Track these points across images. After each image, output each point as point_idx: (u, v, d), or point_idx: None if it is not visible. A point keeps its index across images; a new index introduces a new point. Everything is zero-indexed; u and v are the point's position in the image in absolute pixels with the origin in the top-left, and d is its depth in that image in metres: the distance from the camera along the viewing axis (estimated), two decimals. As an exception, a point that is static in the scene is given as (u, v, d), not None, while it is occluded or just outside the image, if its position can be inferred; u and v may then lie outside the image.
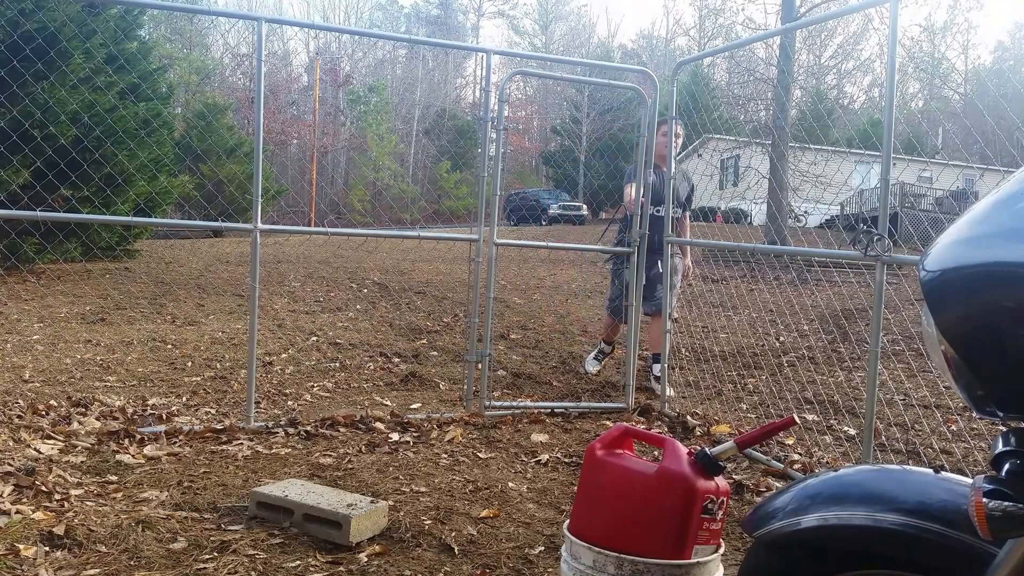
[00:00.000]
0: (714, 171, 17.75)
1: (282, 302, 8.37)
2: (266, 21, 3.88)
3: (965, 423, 4.19)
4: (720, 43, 28.81)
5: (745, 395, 4.93)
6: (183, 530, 2.54)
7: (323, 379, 4.99)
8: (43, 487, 2.76)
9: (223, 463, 3.27)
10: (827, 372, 5.51)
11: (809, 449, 3.71)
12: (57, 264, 9.41)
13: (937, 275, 1.03)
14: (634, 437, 1.96)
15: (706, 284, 9.95)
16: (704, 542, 1.76)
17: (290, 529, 2.58)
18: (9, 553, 2.27)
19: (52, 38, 7.86)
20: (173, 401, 4.20)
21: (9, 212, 3.82)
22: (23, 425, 3.44)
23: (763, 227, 14.68)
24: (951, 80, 42.09)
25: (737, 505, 3.03)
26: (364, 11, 51.79)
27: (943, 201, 15.74)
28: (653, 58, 51.92)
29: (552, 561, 2.46)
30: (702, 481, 1.74)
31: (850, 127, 14.55)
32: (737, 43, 10.23)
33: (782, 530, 1.33)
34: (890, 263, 3.05)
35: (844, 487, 1.33)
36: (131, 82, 10.29)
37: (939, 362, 1.05)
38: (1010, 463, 0.97)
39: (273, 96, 34.71)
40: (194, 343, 6.01)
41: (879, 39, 22.17)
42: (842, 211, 18.12)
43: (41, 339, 5.86)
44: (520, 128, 47.06)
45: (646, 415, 4.38)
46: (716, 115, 12.67)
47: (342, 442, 3.64)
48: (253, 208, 3.86)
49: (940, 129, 23.65)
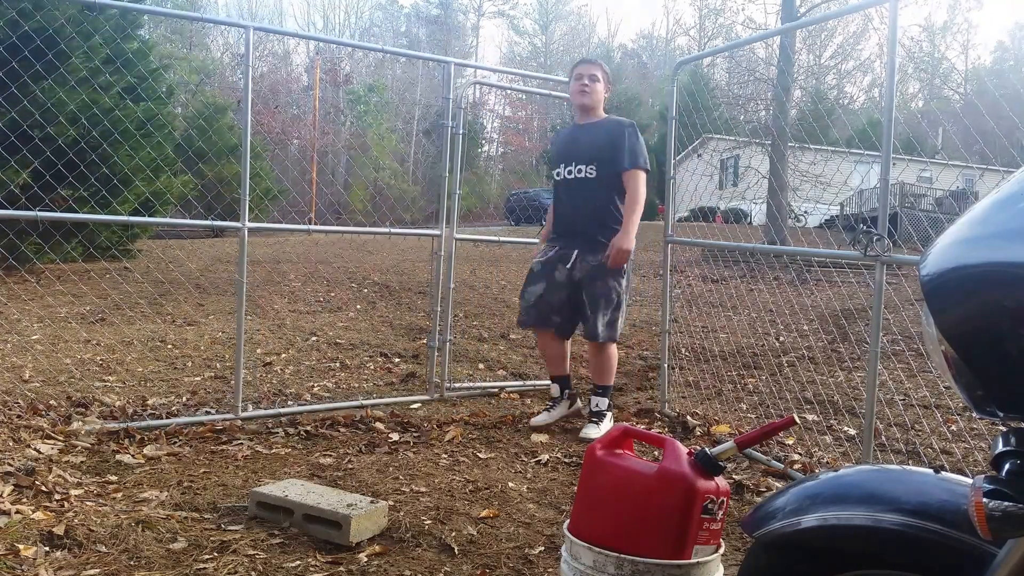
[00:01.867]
0: (714, 171, 17.76)
1: (282, 302, 8.37)
2: (255, 29, 4.02)
3: (965, 423, 4.19)
4: (720, 43, 28.84)
5: (745, 395, 4.93)
6: (183, 530, 2.54)
7: (323, 379, 4.99)
8: (43, 487, 2.76)
9: (223, 463, 3.27)
10: (827, 372, 5.50)
11: (809, 449, 3.71)
12: (56, 264, 9.40)
13: (937, 275, 1.03)
14: (634, 437, 1.96)
15: (706, 284, 9.95)
16: (704, 542, 1.76)
17: (290, 529, 2.58)
18: (9, 553, 2.27)
19: (51, 39, 7.85)
20: (173, 401, 4.20)
21: (8, 212, 3.82)
22: (23, 425, 3.43)
23: (763, 227, 14.68)
24: (951, 80, 42.11)
25: (737, 505, 3.03)
26: (364, 11, 51.77)
27: (943, 201, 15.74)
28: (653, 58, 51.95)
29: (552, 561, 2.46)
30: (702, 481, 1.74)
31: (850, 127, 14.55)
32: (737, 43, 10.23)
33: (782, 530, 1.33)
34: (890, 263, 3.05)
35: (844, 487, 1.33)
36: (130, 82, 10.28)
37: (939, 362, 1.05)
38: (1010, 463, 0.97)
39: (273, 96, 34.72)
40: (194, 343, 6.01)
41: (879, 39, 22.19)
42: (842, 211, 18.12)
43: (41, 339, 5.86)
44: (520, 128, 47.01)
45: (646, 415, 4.38)
46: (716, 115, 12.65)
47: (342, 442, 3.64)
48: (241, 207, 3.97)
49: (940, 129, 23.67)
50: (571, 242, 3.94)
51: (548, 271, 3.95)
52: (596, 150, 3.91)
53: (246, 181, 4.00)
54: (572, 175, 3.97)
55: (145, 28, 13.99)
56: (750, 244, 4.78)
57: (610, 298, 3.85)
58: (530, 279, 4.03)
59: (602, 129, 3.97)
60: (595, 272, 3.85)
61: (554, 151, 4.22)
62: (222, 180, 15.29)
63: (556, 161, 4.08)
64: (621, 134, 3.90)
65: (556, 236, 4.05)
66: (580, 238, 3.93)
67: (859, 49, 27.30)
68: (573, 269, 3.90)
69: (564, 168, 4.01)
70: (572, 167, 3.96)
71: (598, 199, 3.91)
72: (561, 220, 4.04)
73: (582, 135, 4.02)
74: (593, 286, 3.85)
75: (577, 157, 3.96)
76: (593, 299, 3.85)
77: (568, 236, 3.98)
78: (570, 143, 4.06)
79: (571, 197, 3.99)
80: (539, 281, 3.97)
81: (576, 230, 3.95)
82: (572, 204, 3.99)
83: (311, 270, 10.72)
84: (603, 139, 3.91)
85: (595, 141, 3.93)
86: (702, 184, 5.44)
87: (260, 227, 4.55)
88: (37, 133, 7.58)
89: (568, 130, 4.22)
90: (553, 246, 4.02)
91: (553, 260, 3.95)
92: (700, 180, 5.40)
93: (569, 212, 3.99)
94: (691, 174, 5.46)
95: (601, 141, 3.91)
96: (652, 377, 5.29)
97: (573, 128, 4.14)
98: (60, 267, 9.49)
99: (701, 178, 5.47)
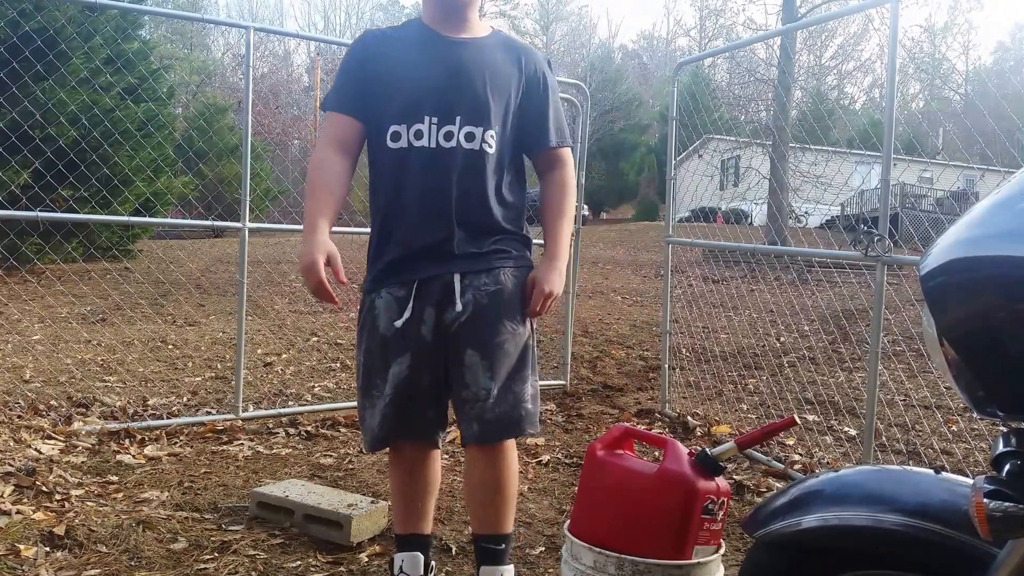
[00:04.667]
0: (715, 172, 17.75)
1: (283, 302, 8.38)
2: (255, 30, 4.03)
3: (966, 424, 4.19)
4: (721, 43, 28.84)
5: (746, 395, 4.93)
6: (184, 530, 2.54)
7: (324, 379, 4.99)
8: (44, 487, 2.76)
9: (224, 463, 3.28)
10: (828, 372, 5.50)
11: (810, 449, 3.71)
12: (57, 265, 9.41)
13: (937, 276, 1.03)
14: (635, 437, 1.96)
15: (707, 284, 9.95)
16: (705, 542, 1.76)
17: (291, 529, 2.58)
18: (9, 553, 2.27)
19: (51, 40, 7.86)
20: (174, 401, 4.20)
21: (8, 213, 3.83)
22: (24, 425, 3.44)
23: (763, 227, 14.67)
24: (951, 81, 42.10)
25: (738, 505, 3.03)
26: (365, 11, 51.81)
27: (944, 202, 15.73)
28: (654, 58, 51.94)
29: (552, 561, 2.46)
30: (703, 481, 1.74)
31: (851, 128, 14.55)
32: (738, 43, 10.23)
33: (783, 530, 1.33)
34: (891, 263, 3.05)
35: (845, 487, 1.33)
36: (131, 83, 10.29)
37: (939, 363, 1.05)
38: (1011, 464, 0.97)
39: (273, 96, 34.74)
40: (194, 343, 6.01)
41: (880, 40, 22.19)
42: (843, 212, 18.11)
43: (41, 339, 5.86)
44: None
45: (647, 416, 4.38)
46: (717, 115, 12.64)
47: (343, 442, 3.64)
48: (241, 207, 3.98)
49: (940, 130, 23.65)
50: (437, 265, 1.99)
51: (410, 332, 1.98)
52: (494, 101, 2.00)
53: (246, 181, 4.01)
54: (439, 142, 1.96)
55: (146, 29, 13.99)
56: (751, 244, 4.79)
57: (524, 355, 2.03)
58: (378, 356, 2.02)
59: (495, 58, 2.04)
60: (496, 306, 2.00)
61: (380, 83, 2.01)
62: (222, 180, 15.29)
63: (395, 108, 1.99)
64: (535, 75, 2.08)
65: (398, 264, 2.02)
66: (460, 255, 1.99)
67: (860, 50, 27.26)
68: (451, 310, 1.97)
69: (417, 126, 1.97)
70: (442, 125, 1.96)
71: (490, 188, 2.02)
72: (413, 228, 2.00)
73: (457, 60, 1.99)
74: (491, 332, 1.98)
75: (455, 107, 1.97)
76: (491, 356, 1.97)
77: (429, 256, 2.00)
78: (432, 74, 1.98)
79: (438, 181, 1.97)
80: (400, 354, 1.99)
81: (449, 241, 1.99)
82: (438, 196, 1.98)
83: (312, 270, 10.70)
84: (502, 80, 2.02)
85: (493, 81, 2.00)
86: (703, 185, 5.44)
87: (260, 227, 4.59)
88: (38, 133, 7.59)
89: (416, 40, 2.05)
90: (399, 285, 2.00)
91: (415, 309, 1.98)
92: (701, 181, 5.40)
93: (433, 209, 1.98)
94: (692, 175, 5.46)
95: (501, 84, 2.02)
96: (652, 377, 5.29)
97: (429, 39, 2.03)
98: (61, 267, 9.49)
99: (702, 179, 5.47)
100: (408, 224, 2.00)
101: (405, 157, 1.98)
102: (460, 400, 2.01)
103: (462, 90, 1.97)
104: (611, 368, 5.53)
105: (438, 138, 1.96)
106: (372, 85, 2.01)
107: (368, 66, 2.03)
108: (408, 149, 1.98)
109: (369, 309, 2.05)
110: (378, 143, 2.03)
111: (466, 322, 1.97)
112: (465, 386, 1.98)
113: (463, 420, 2.02)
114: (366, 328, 2.05)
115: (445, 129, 1.96)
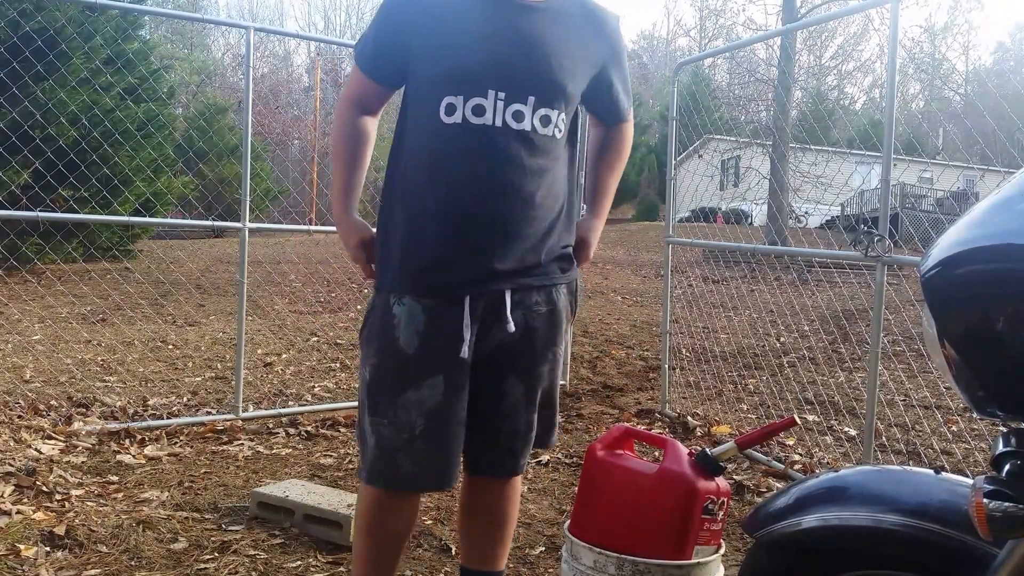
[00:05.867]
0: (715, 172, 17.75)
1: (283, 302, 8.38)
2: (255, 30, 4.06)
3: (966, 424, 4.19)
4: (721, 44, 28.83)
5: (746, 395, 4.93)
6: (184, 530, 2.54)
7: (324, 379, 4.99)
8: (44, 487, 2.76)
9: (224, 463, 3.28)
10: (828, 373, 5.50)
11: (810, 450, 3.71)
12: (57, 265, 9.41)
13: (937, 276, 1.03)
14: (635, 437, 1.96)
15: (707, 284, 9.94)
16: (705, 542, 1.76)
17: (291, 529, 2.58)
18: (10, 553, 2.27)
19: (52, 40, 7.87)
20: (174, 401, 4.20)
21: (9, 213, 3.84)
22: (24, 425, 3.44)
23: (763, 228, 14.68)
24: (952, 81, 42.10)
25: (738, 505, 3.03)
26: (365, 11, 51.79)
27: (944, 202, 15.74)
28: (654, 59, 51.93)
29: (552, 561, 2.46)
30: (703, 481, 1.74)
31: (851, 128, 14.56)
32: (738, 43, 10.23)
33: (783, 530, 1.33)
34: (891, 264, 3.05)
35: (845, 488, 1.33)
36: (131, 83, 10.30)
37: (940, 363, 1.05)
38: (1011, 464, 0.98)
39: (274, 97, 34.75)
40: (195, 343, 6.01)
41: (880, 40, 22.20)
42: (843, 212, 18.11)
43: (42, 339, 5.86)
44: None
45: (647, 416, 4.38)
46: (717, 116, 12.65)
47: (343, 442, 3.64)
48: (241, 207, 4.00)
49: (940, 130, 23.65)
50: (486, 275, 1.64)
51: (442, 349, 1.63)
52: (573, 81, 1.68)
53: (247, 182, 4.02)
54: (507, 122, 1.60)
55: (146, 29, 13.99)
56: (751, 245, 4.79)
57: (556, 382, 1.89)
58: (392, 374, 1.65)
59: (576, 30, 1.70)
60: (546, 329, 1.75)
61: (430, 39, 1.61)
62: (222, 181, 15.31)
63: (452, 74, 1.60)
64: (616, 46, 1.79)
65: (433, 267, 1.64)
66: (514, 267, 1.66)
67: (860, 50, 27.28)
68: (497, 329, 1.67)
69: (477, 99, 1.59)
70: (510, 103, 1.60)
71: (559, 179, 1.71)
72: (461, 226, 1.63)
73: (532, 30, 1.63)
74: (538, 359, 1.76)
75: (528, 84, 1.62)
76: (534, 384, 1.77)
77: (476, 264, 1.64)
78: (502, 40, 1.61)
79: (502, 170, 1.60)
80: (429, 375, 1.63)
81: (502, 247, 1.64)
82: (498, 187, 1.61)
83: (311, 270, 10.72)
84: (584, 56, 1.71)
85: (575, 57, 1.68)
86: (703, 185, 5.44)
87: (260, 227, 4.60)
88: (38, 133, 7.59)
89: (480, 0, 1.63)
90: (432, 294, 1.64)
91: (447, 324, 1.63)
92: (701, 181, 5.40)
93: (489, 205, 1.62)
94: (692, 175, 5.46)
95: (582, 60, 1.70)
96: (653, 377, 5.29)
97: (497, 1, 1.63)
98: (61, 267, 9.50)
99: (702, 179, 5.47)
100: (455, 220, 1.61)
101: (460, 135, 1.59)
102: (493, 431, 1.74)
103: (538, 66, 1.61)
104: (611, 368, 5.53)
105: (505, 117, 1.59)
106: (417, 40, 1.61)
107: (417, 18, 1.61)
108: (462, 126, 1.59)
109: (384, 313, 1.64)
110: (422, 113, 1.63)
111: (511, 345, 1.68)
112: (504, 418, 1.72)
113: (490, 450, 1.76)
114: (376, 336, 1.65)
115: (514, 108, 1.60)
